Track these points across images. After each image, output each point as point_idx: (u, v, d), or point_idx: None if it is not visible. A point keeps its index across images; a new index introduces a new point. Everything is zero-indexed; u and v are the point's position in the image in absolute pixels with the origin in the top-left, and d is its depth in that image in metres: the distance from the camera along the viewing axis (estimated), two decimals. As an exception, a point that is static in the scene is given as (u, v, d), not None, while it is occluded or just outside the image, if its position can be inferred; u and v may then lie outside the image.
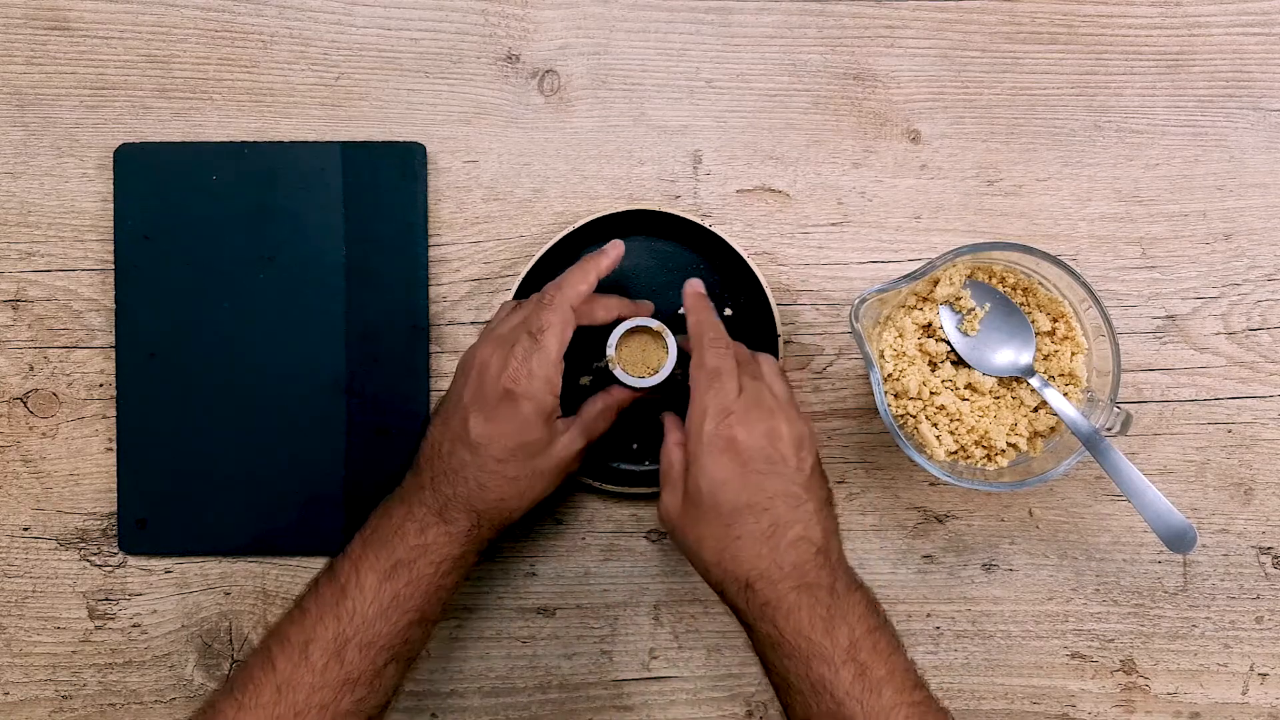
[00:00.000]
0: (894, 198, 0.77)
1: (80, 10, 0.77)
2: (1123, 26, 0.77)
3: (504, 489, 0.67)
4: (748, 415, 0.65)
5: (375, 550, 0.66)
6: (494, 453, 0.67)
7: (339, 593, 0.65)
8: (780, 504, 0.64)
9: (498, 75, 0.77)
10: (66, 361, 0.77)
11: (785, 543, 0.63)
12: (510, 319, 0.70)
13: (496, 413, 0.67)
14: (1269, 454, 0.77)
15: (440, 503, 0.67)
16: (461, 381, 0.69)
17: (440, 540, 0.66)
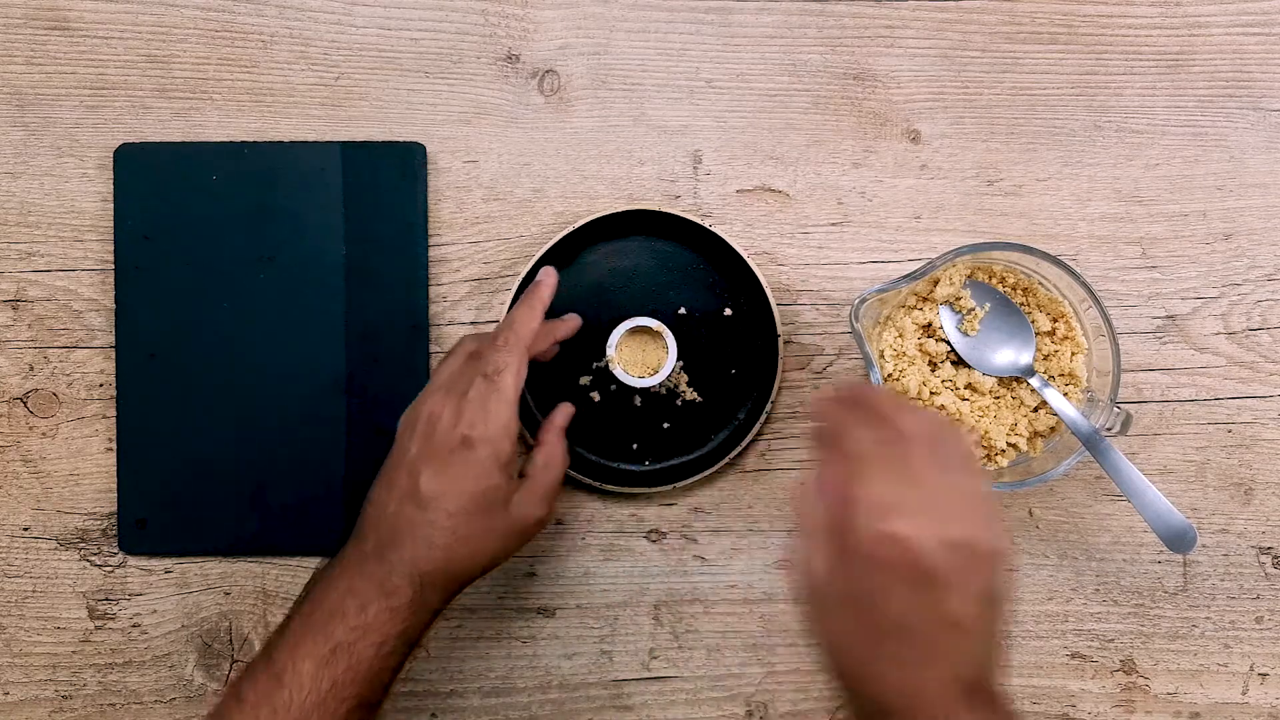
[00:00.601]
0: (894, 198, 0.77)
1: (80, 10, 0.77)
2: (1123, 26, 0.77)
3: (453, 548, 0.63)
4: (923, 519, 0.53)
5: (313, 633, 0.62)
6: (446, 506, 0.63)
7: (275, 682, 0.61)
8: (943, 636, 0.53)
9: (498, 75, 0.77)
10: (66, 361, 0.77)
11: (934, 677, 0.53)
12: (451, 369, 0.67)
13: (449, 463, 0.63)
14: (1269, 454, 0.77)
15: (383, 572, 0.63)
16: (408, 437, 0.65)
17: (382, 618, 0.62)
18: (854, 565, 0.53)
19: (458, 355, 0.68)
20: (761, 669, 0.77)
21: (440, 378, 0.67)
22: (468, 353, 0.68)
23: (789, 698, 0.77)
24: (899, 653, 0.53)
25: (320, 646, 0.61)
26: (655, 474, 0.76)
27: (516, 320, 0.68)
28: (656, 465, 0.77)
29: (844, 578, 0.54)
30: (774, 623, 0.77)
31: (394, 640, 0.63)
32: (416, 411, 0.66)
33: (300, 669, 0.61)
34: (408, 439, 0.65)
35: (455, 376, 0.66)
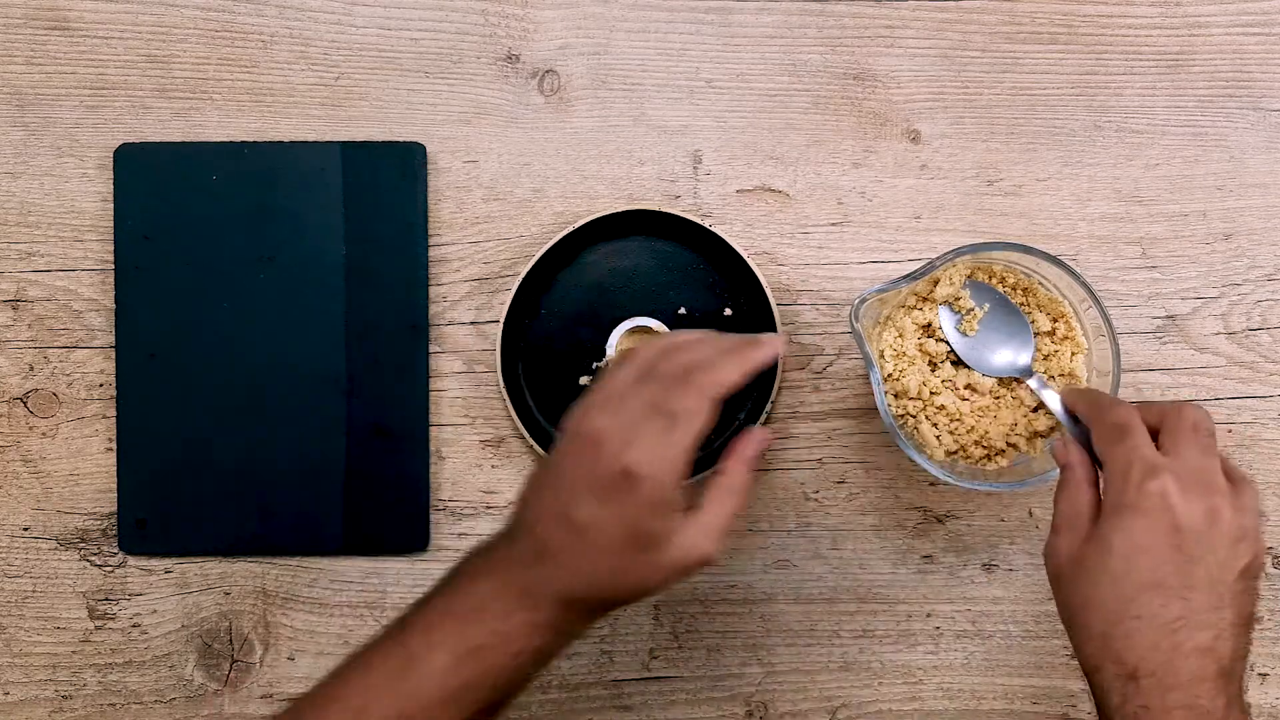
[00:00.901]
0: (894, 198, 0.77)
1: (80, 10, 0.77)
2: (1123, 26, 0.77)
3: (602, 580, 0.58)
4: (1188, 484, 0.57)
5: (454, 625, 0.59)
6: (598, 540, 0.57)
7: (406, 664, 0.58)
8: (1198, 599, 0.55)
9: (498, 75, 0.77)
10: (66, 361, 0.77)
11: (1189, 646, 0.55)
12: (621, 382, 0.60)
13: (608, 497, 0.57)
14: (1269, 454, 0.77)
15: (530, 583, 0.58)
16: (567, 451, 0.59)
17: (523, 630, 0.58)
18: (1116, 523, 0.56)
19: (630, 369, 0.61)
20: (761, 669, 0.77)
21: (609, 390, 0.60)
22: (643, 369, 0.60)
23: (789, 698, 0.77)
24: (1154, 611, 0.55)
25: (458, 642, 0.58)
26: (655, 474, 0.76)
27: (718, 368, 0.59)
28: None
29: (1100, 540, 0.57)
30: (774, 623, 0.77)
31: (530, 654, 0.59)
32: (583, 423, 0.59)
33: (434, 660, 0.58)
34: (567, 453, 0.59)
35: (626, 396, 0.59)
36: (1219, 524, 0.56)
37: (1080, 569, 0.58)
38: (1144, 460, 0.57)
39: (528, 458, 0.77)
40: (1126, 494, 0.57)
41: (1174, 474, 0.57)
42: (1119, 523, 0.57)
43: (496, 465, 0.77)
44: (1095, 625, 0.57)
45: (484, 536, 0.63)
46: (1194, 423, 0.59)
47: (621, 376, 0.61)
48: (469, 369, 0.77)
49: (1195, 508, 0.56)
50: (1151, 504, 0.56)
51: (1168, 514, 0.56)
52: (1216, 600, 0.56)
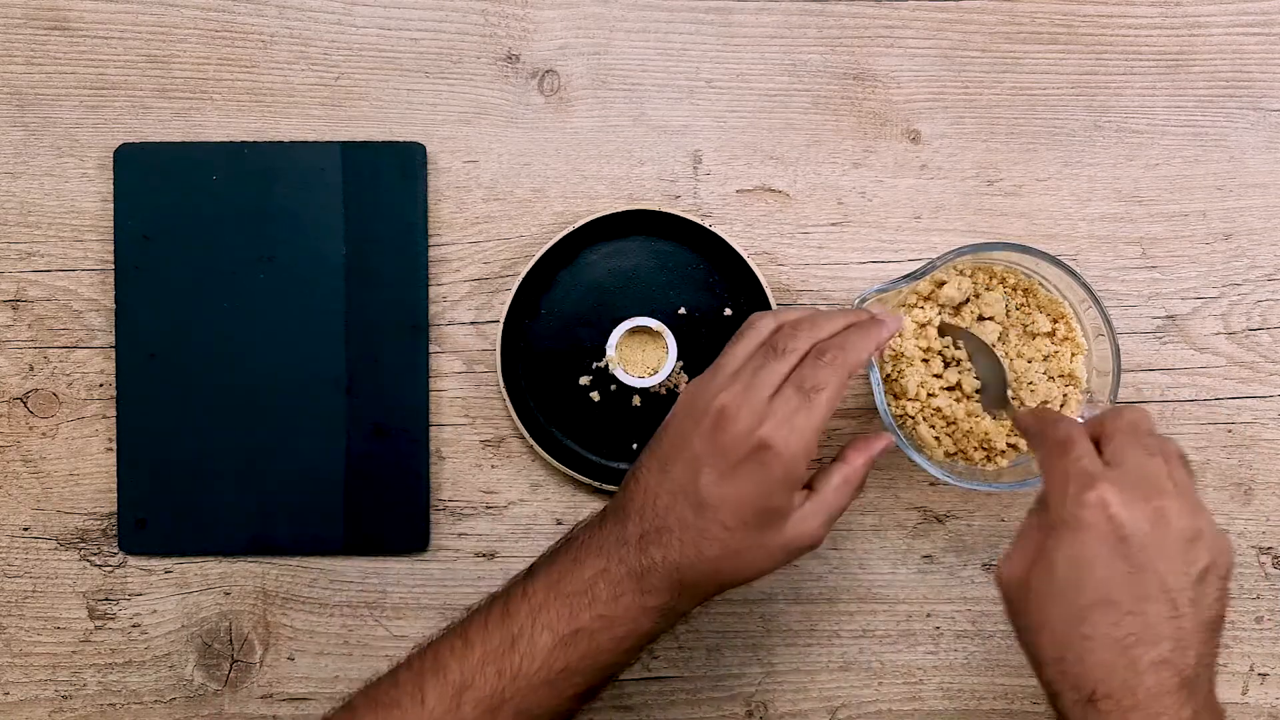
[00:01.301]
0: (894, 198, 0.77)
1: (80, 10, 0.77)
2: (1123, 26, 0.77)
3: (722, 561, 0.58)
4: (1127, 488, 0.54)
5: (558, 605, 0.58)
6: (724, 517, 0.57)
7: (509, 643, 0.58)
8: (1152, 610, 0.52)
9: (498, 75, 0.77)
10: (66, 361, 0.77)
11: (1146, 661, 0.52)
12: (742, 354, 0.60)
13: (737, 472, 0.57)
14: (1269, 454, 0.77)
15: (642, 566, 0.58)
16: (690, 425, 0.59)
17: (631, 613, 0.58)
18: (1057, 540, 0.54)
19: (748, 340, 0.61)
20: (761, 669, 0.77)
21: (731, 364, 0.60)
22: (763, 341, 0.61)
23: (789, 698, 0.77)
24: (1104, 630, 0.52)
25: (563, 624, 0.58)
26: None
27: (849, 344, 0.60)
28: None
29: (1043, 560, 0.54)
30: (774, 623, 0.77)
31: (635, 638, 0.59)
32: (708, 395, 0.59)
33: (538, 640, 0.58)
34: (691, 426, 0.59)
35: (751, 369, 0.59)
36: (1166, 527, 0.53)
37: (1027, 591, 0.55)
38: (1080, 472, 0.55)
39: (528, 457, 0.77)
40: (1065, 508, 0.54)
41: (1111, 481, 0.54)
42: (1060, 539, 0.54)
43: (496, 465, 0.77)
44: (1048, 649, 0.54)
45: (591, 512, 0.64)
46: (1131, 424, 0.57)
47: (740, 352, 0.60)
48: (469, 369, 0.77)
49: (1138, 513, 0.53)
50: (1091, 516, 0.53)
51: (1109, 524, 0.53)
52: (1171, 609, 0.53)
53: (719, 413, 0.58)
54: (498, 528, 0.77)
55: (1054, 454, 0.57)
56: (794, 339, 0.60)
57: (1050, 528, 0.55)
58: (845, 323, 0.61)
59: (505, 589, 0.61)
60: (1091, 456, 0.56)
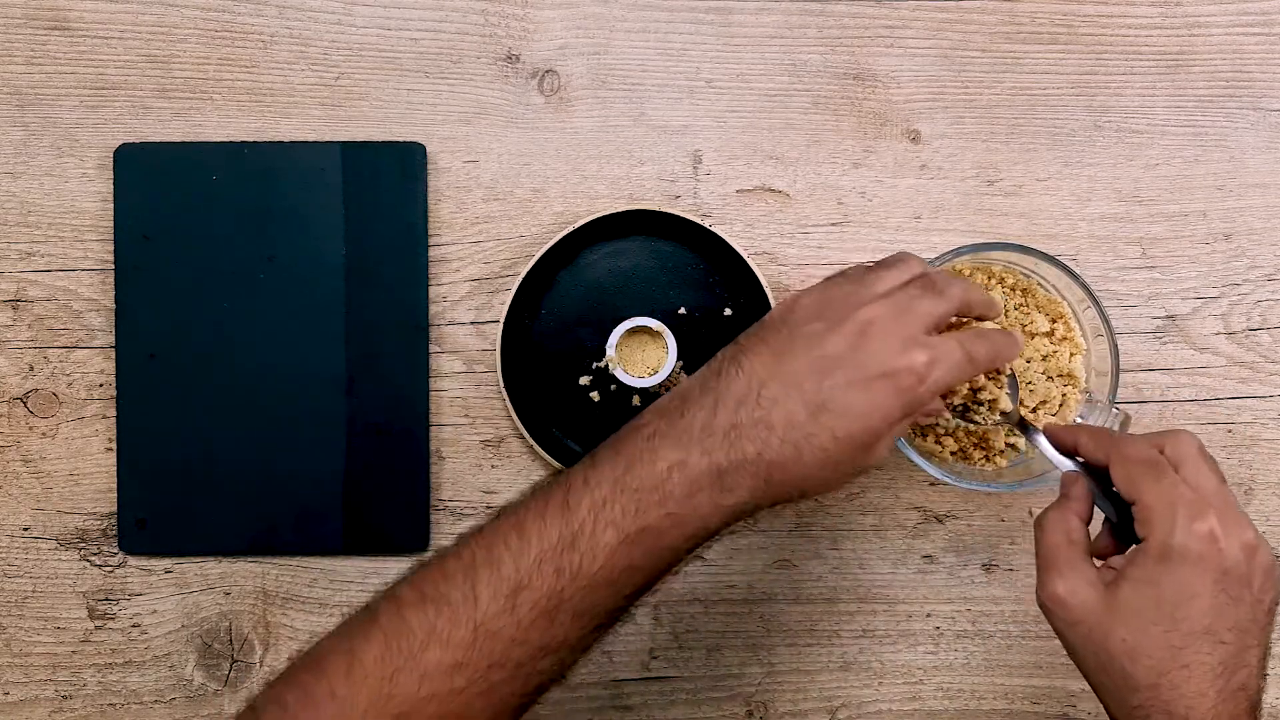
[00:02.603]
0: (894, 198, 0.77)
1: (80, 10, 0.77)
2: (1123, 26, 0.77)
3: (817, 470, 0.54)
4: (1229, 519, 0.55)
5: (624, 501, 0.54)
6: (836, 428, 0.54)
7: (569, 540, 0.53)
8: (1237, 640, 0.55)
9: (498, 75, 0.77)
10: (66, 361, 0.77)
11: (1231, 689, 0.54)
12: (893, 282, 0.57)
13: (872, 385, 0.54)
14: (1269, 454, 0.77)
15: (729, 460, 0.54)
16: (825, 328, 0.55)
17: (705, 510, 0.54)
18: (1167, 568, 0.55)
19: (900, 270, 0.58)
20: (761, 669, 0.77)
21: (880, 285, 0.57)
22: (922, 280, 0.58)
23: (789, 698, 0.77)
24: (1202, 659, 0.54)
25: (629, 521, 0.53)
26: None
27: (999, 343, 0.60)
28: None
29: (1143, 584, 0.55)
30: (774, 623, 0.77)
31: (705, 535, 0.55)
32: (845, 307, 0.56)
33: (600, 537, 0.53)
34: (825, 330, 0.55)
35: (907, 296, 0.57)
36: (1257, 560, 0.56)
37: (1118, 615, 0.55)
38: (1189, 500, 0.55)
39: (528, 457, 0.77)
40: (1175, 535, 0.55)
41: (1219, 512, 0.55)
42: (1169, 567, 0.55)
43: (496, 465, 0.77)
44: (1143, 675, 0.55)
45: None
46: (1198, 448, 0.58)
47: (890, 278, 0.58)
48: (469, 369, 0.77)
49: (1235, 545, 0.55)
50: (1202, 547, 0.55)
51: (1218, 556, 0.55)
52: (1251, 638, 0.55)
53: (867, 323, 0.55)
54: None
55: (1146, 476, 0.57)
56: (953, 286, 0.58)
57: (1150, 555, 0.55)
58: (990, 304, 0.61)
59: (567, 477, 0.56)
60: (1187, 485, 0.56)
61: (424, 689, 0.52)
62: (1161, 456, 0.58)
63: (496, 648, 0.53)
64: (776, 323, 0.57)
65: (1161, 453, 0.58)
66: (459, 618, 0.53)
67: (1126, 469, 0.58)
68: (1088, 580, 0.57)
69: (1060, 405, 0.71)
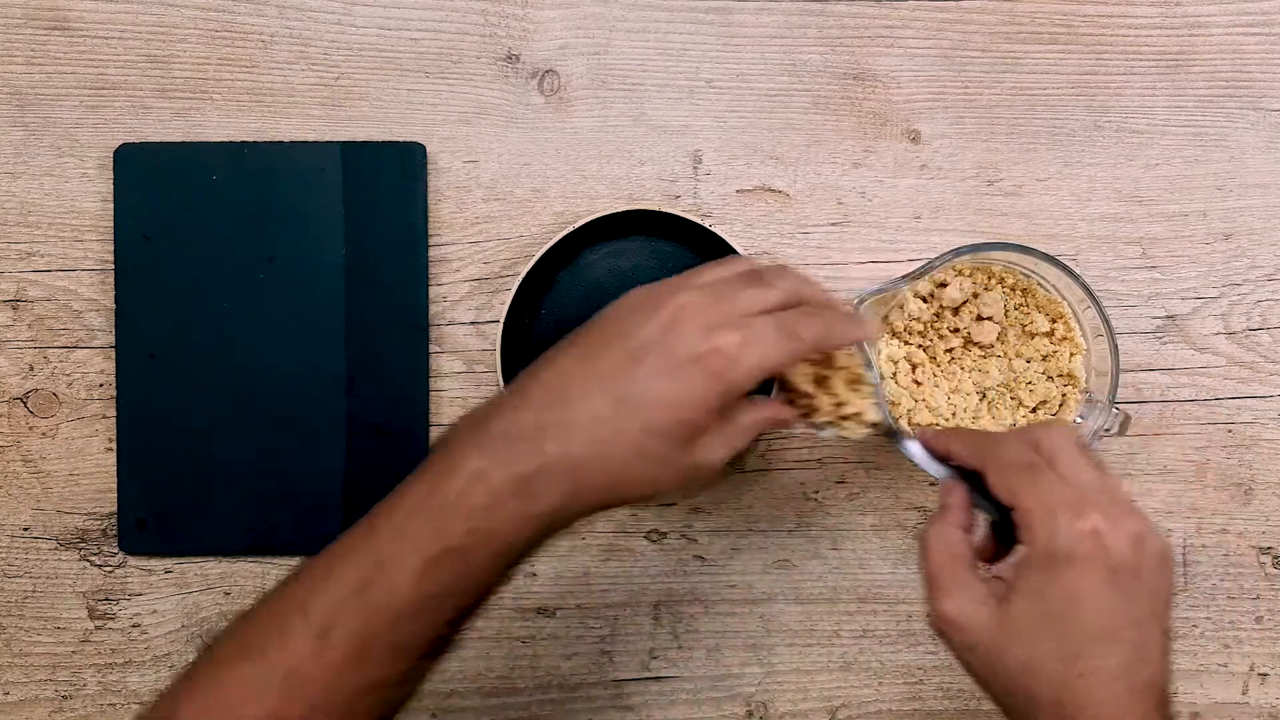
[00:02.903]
0: (894, 198, 0.77)
1: (80, 10, 0.77)
2: (1123, 26, 0.77)
3: (630, 469, 0.52)
4: (1111, 513, 0.52)
5: (425, 521, 0.51)
6: (646, 418, 0.51)
7: (373, 572, 0.51)
8: (1135, 636, 0.52)
9: (498, 75, 0.77)
10: (66, 361, 0.77)
11: (1137, 687, 0.51)
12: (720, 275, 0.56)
13: (680, 371, 0.51)
14: (1269, 454, 0.77)
15: (531, 465, 0.51)
16: (640, 318, 0.53)
17: (512, 524, 0.51)
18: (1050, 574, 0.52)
19: (727, 267, 0.57)
20: (761, 669, 0.77)
21: (702, 279, 0.55)
22: (747, 273, 0.56)
23: (789, 698, 0.77)
24: (1100, 663, 0.51)
25: (431, 543, 0.51)
26: (655, 474, 0.76)
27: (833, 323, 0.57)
28: (656, 465, 0.76)
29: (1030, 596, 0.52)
30: (774, 623, 0.77)
31: (514, 553, 0.52)
32: (660, 296, 0.54)
33: (404, 564, 0.51)
34: (639, 320, 0.53)
35: (730, 286, 0.54)
36: (1146, 548, 0.53)
37: (1011, 632, 0.52)
38: (1066, 500, 0.52)
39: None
40: (1057, 539, 0.52)
41: (1098, 508, 0.52)
42: (1053, 574, 0.52)
43: (496, 465, 0.77)
44: (1044, 691, 0.51)
45: None
46: (1073, 441, 0.55)
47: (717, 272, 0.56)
48: (469, 369, 0.77)
49: (1121, 539, 0.52)
50: (1086, 547, 0.51)
51: (1104, 554, 0.52)
52: (1149, 630, 0.52)
53: (679, 309, 0.53)
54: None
55: (1021, 478, 0.54)
56: (782, 278, 0.56)
57: (1039, 560, 0.52)
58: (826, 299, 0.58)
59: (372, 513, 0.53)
60: (1064, 483, 0.53)
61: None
62: (1037, 457, 0.55)
63: (313, 693, 0.50)
64: (597, 319, 0.55)
65: (1038, 450, 0.55)
66: (272, 667, 0.51)
67: (1002, 475, 0.55)
68: (977, 598, 0.53)
69: (1060, 405, 0.71)
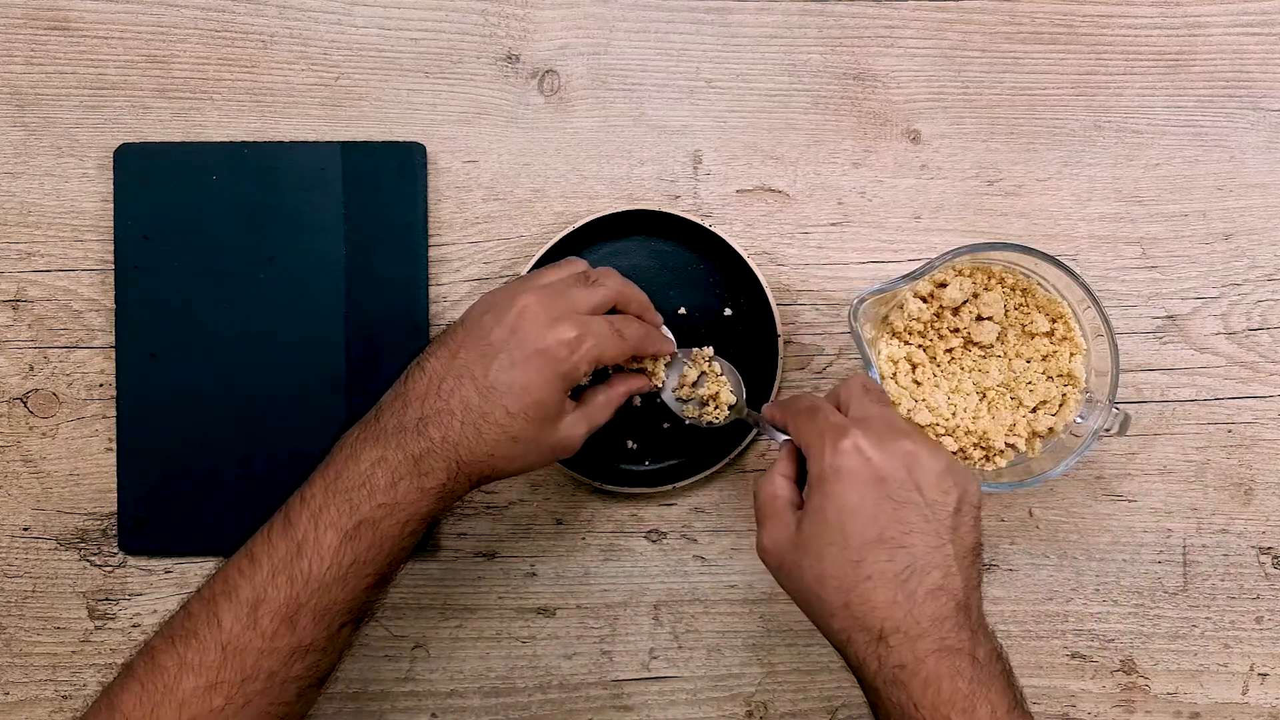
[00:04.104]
0: (894, 198, 0.77)
1: (80, 10, 0.77)
2: (1123, 26, 0.77)
3: (500, 447, 0.62)
4: (880, 434, 0.59)
5: (338, 503, 0.60)
6: (508, 403, 0.61)
7: (294, 550, 0.59)
8: (918, 542, 0.57)
9: (498, 75, 0.77)
10: (66, 361, 0.77)
11: (923, 591, 0.56)
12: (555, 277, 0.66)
13: (530, 360, 0.61)
14: (1269, 454, 0.77)
15: (420, 449, 0.60)
16: (491, 319, 0.63)
17: (411, 496, 0.60)
18: (824, 491, 0.58)
19: (560, 269, 0.67)
20: (761, 669, 0.77)
21: (540, 280, 0.65)
22: (579, 274, 0.66)
23: (789, 698, 0.77)
24: (881, 567, 0.56)
25: (345, 519, 0.59)
26: (655, 474, 0.76)
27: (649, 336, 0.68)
28: (656, 465, 0.77)
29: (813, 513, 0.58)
30: (774, 623, 0.77)
31: (418, 520, 0.61)
32: (507, 297, 0.64)
33: (322, 540, 0.59)
34: (491, 321, 0.63)
35: (564, 284, 0.65)
36: (919, 463, 0.58)
37: (802, 548, 0.59)
38: (832, 426, 0.59)
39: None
40: (824, 459, 0.58)
41: (861, 429, 0.58)
42: (826, 490, 0.58)
43: (496, 465, 0.77)
44: (833, 598, 0.57)
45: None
46: (861, 385, 0.63)
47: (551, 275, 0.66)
48: (469, 369, 0.77)
49: (891, 454, 0.58)
50: (850, 462, 0.58)
51: (867, 467, 0.57)
52: (936, 539, 0.57)
53: (524, 308, 0.63)
54: (498, 528, 0.77)
55: (804, 420, 0.61)
56: (608, 279, 0.66)
57: (812, 485, 0.59)
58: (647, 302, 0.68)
59: (285, 501, 0.62)
60: (838, 415, 0.61)
61: (184, 715, 0.57)
62: (822, 401, 0.62)
63: (247, 662, 0.58)
64: (454, 325, 0.65)
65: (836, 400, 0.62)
66: (206, 644, 0.58)
67: (792, 422, 0.62)
68: (784, 525, 0.60)
69: (1060, 405, 0.71)
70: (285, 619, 0.58)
